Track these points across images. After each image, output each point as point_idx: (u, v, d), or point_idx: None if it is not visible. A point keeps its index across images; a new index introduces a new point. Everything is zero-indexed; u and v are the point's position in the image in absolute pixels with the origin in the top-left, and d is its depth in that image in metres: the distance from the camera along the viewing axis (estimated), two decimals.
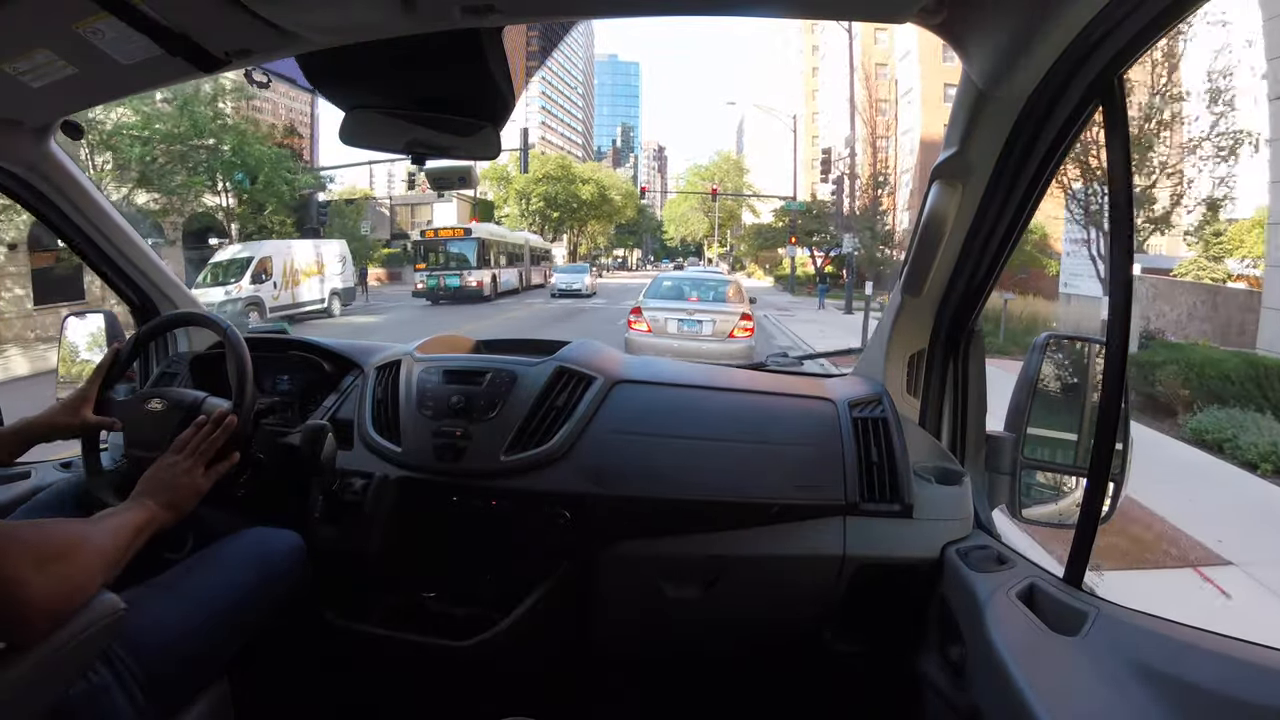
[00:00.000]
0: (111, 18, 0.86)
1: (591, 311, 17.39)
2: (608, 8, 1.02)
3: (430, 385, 1.33)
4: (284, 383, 1.52)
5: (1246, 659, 0.70)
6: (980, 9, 0.85)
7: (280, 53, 1.02)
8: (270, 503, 1.30)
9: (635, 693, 1.50)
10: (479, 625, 1.27)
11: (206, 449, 1.06)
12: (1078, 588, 0.91)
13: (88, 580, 0.80)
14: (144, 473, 1.02)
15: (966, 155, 1.05)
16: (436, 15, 0.90)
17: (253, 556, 1.15)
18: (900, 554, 1.16)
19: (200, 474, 1.04)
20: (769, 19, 1.07)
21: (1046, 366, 1.21)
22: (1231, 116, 9.13)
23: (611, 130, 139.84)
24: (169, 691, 0.93)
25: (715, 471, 1.21)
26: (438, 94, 1.15)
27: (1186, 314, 13.39)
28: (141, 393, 1.22)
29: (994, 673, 0.83)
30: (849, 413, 1.27)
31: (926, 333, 1.34)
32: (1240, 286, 15.38)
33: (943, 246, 1.19)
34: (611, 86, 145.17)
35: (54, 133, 1.33)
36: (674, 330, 7.47)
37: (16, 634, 0.73)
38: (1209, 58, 9.26)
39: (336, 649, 1.36)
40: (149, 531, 0.93)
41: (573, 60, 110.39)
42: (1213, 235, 14.73)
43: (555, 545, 1.24)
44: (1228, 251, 18.78)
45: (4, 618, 0.72)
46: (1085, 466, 1.08)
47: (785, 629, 1.30)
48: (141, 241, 1.63)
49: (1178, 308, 13.63)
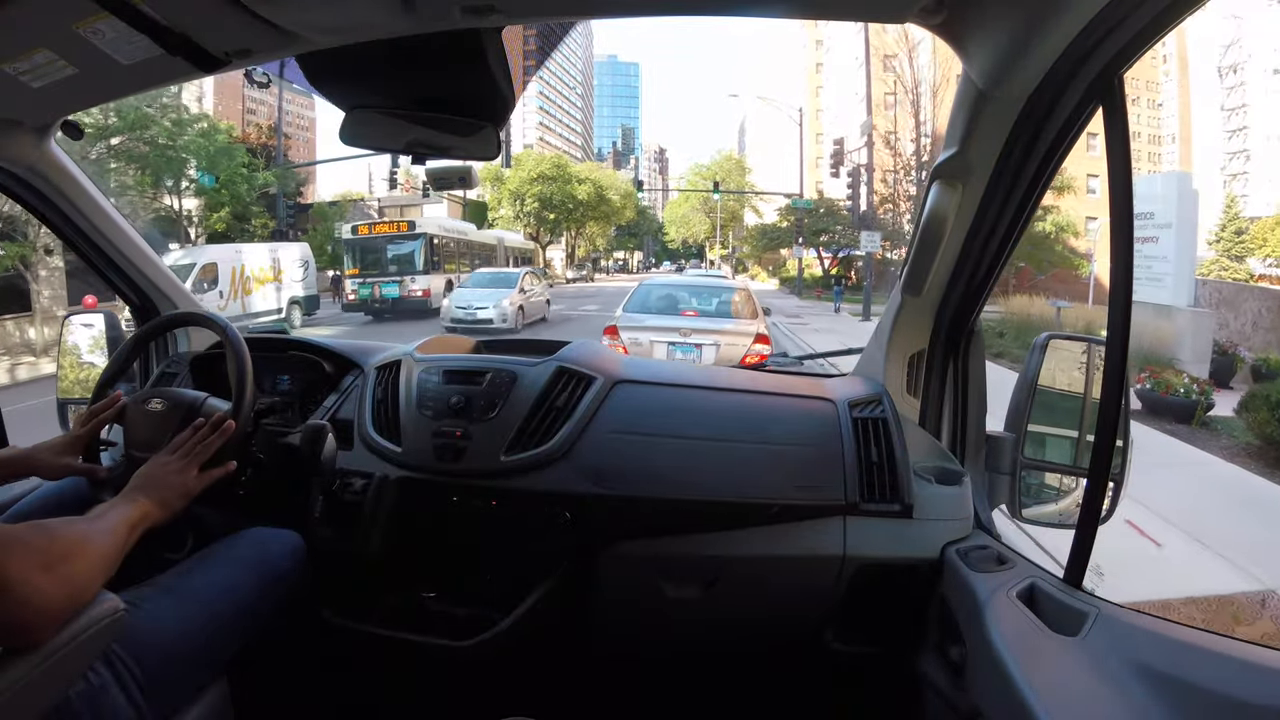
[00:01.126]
0: (111, 18, 0.86)
1: (581, 321, 15.52)
2: (609, 8, 1.02)
3: (430, 385, 1.33)
4: (284, 383, 1.52)
5: (1246, 659, 0.70)
6: (980, 9, 0.85)
7: (280, 53, 1.02)
8: (270, 503, 1.30)
9: (635, 693, 1.50)
10: (479, 625, 1.27)
11: (201, 452, 1.06)
12: (1078, 588, 0.91)
13: (91, 581, 0.81)
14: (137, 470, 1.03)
15: (966, 155, 1.05)
16: (437, 15, 0.90)
17: (253, 557, 1.15)
18: (900, 554, 1.16)
19: (192, 475, 1.04)
20: (769, 19, 1.07)
21: (1046, 367, 1.21)
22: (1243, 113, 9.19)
23: (611, 132, 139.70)
24: (168, 691, 0.93)
25: (715, 472, 1.21)
26: (438, 94, 1.15)
27: (1251, 323, 11.69)
28: (142, 393, 1.22)
29: (994, 673, 0.83)
30: (849, 413, 1.27)
31: (926, 333, 1.34)
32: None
33: (943, 246, 1.19)
34: (611, 88, 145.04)
35: (54, 133, 1.33)
36: (661, 358, 5.27)
37: (23, 638, 0.73)
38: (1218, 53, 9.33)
39: (336, 649, 1.36)
40: (143, 527, 0.94)
41: (571, 60, 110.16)
42: (1234, 235, 14.43)
43: (555, 545, 1.24)
44: (1249, 250, 18.49)
45: (11, 622, 0.72)
46: (1085, 466, 1.08)
47: (785, 629, 1.29)
48: (141, 241, 1.63)
49: (1242, 316, 11.87)
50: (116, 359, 1.29)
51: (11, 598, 0.71)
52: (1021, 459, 1.22)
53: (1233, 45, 9.49)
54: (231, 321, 1.24)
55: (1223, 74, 9.26)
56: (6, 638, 0.72)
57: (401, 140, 1.22)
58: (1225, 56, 9.88)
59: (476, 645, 1.25)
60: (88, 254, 1.58)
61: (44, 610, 0.74)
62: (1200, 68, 23.87)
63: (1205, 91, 26.23)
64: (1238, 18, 9.52)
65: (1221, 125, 30.69)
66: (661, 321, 5.83)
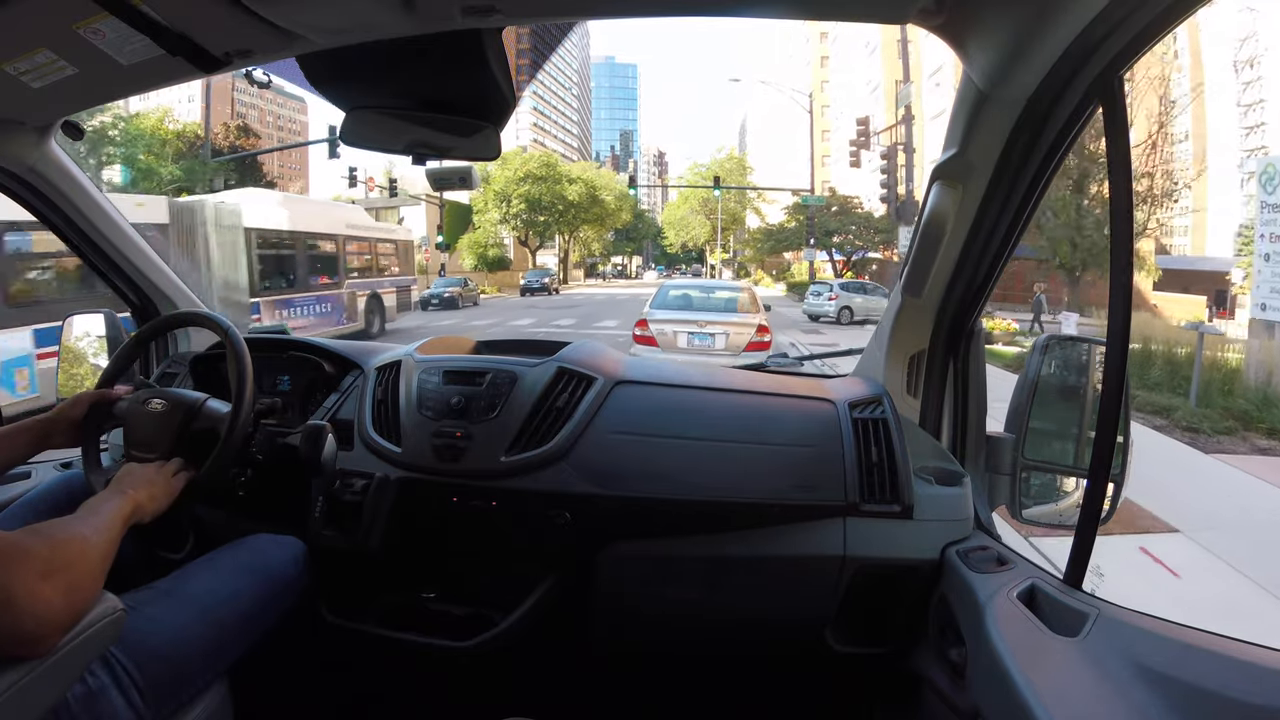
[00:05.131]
0: (111, 18, 0.86)
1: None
2: (609, 8, 1.02)
3: (430, 386, 1.33)
4: (284, 383, 1.52)
5: (1246, 659, 0.70)
6: (980, 10, 0.85)
7: (280, 53, 1.02)
8: (270, 503, 1.30)
9: (635, 693, 1.50)
10: (479, 625, 1.26)
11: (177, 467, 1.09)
12: (1078, 589, 0.91)
13: (93, 585, 0.80)
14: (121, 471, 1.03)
15: (966, 155, 1.05)
16: (437, 15, 0.90)
17: (256, 564, 1.15)
18: (901, 555, 1.16)
19: (171, 473, 1.07)
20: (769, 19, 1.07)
21: (1047, 367, 1.21)
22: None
23: (610, 135, 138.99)
24: (168, 695, 0.93)
25: (715, 472, 1.21)
26: (438, 94, 1.15)
27: None
28: (142, 393, 1.22)
29: (994, 674, 0.83)
30: (849, 413, 1.27)
31: (927, 333, 1.34)
32: None
33: (943, 247, 1.19)
34: (609, 89, 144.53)
35: (54, 133, 1.33)
36: (683, 345, 6.99)
37: (30, 649, 0.72)
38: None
39: (336, 649, 1.36)
40: (133, 520, 0.94)
41: (567, 61, 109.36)
42: None
43: (555, 546, 1.24)
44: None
45: (18, 634, 0.71)
46: (1085, 467, 1.08)
47: (785, 630, 1.29)
48: (142, 242, 1.63)
49: None
50: (116, 359, 1.29)
51: (16, 610, 0.70)
52: (1022, 460, 1.22)
53: (1249, 39, 9.27)
54: None
55: (1238, 68, 9.04)
56: (13, 648, 0.71)
57: (401, 141, 1.22)
58: (1241, 50, 9.61)
59: (476, 645, 1.25)
60: (88, 254, 1.58)
61: (49, 620, 0.73)
62: (1213, 64, 22.95)
63: (1220, 87, 25.18)
64: (1253, 10, 9.36)
65: (1238, 122, 29.34)
66: (682, 315, 7.30)
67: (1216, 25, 8.98)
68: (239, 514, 1.30)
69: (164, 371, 1.59)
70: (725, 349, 6.85)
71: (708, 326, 7.03)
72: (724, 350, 6.92)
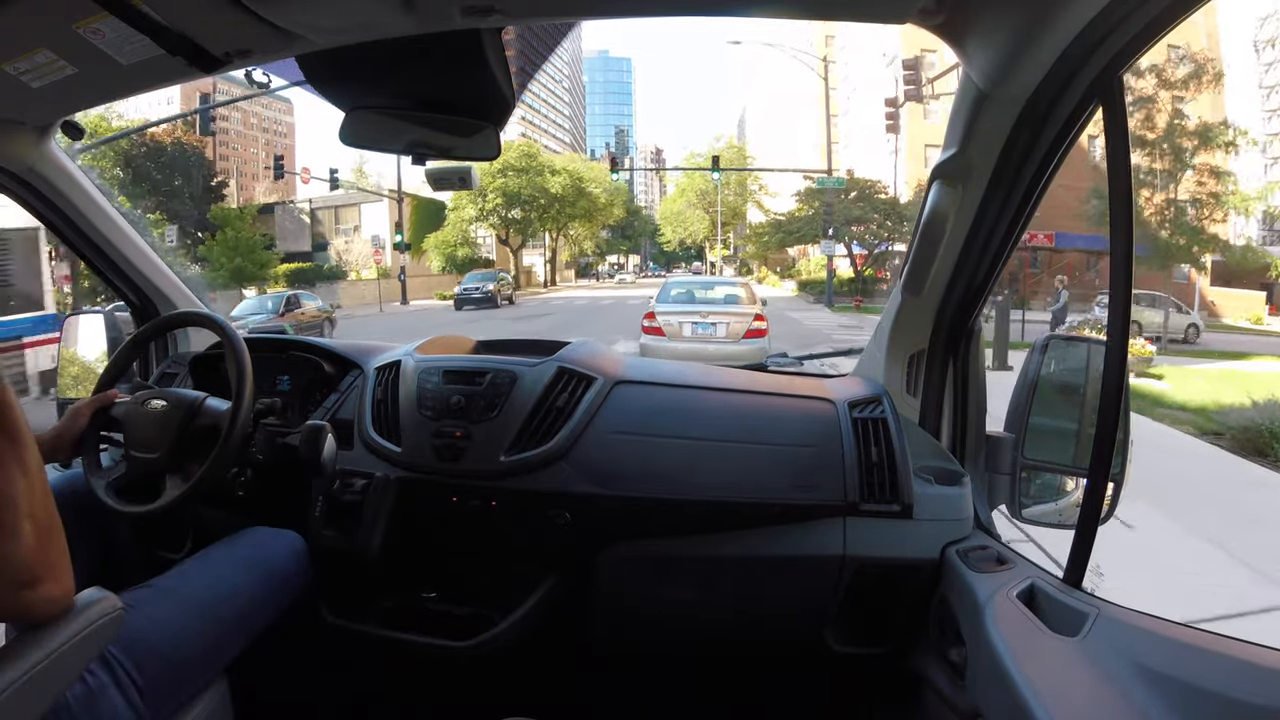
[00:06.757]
0: (111, 18, 0.86)
1: None
2: (610, 8, 1.02)
3: (430, 385, 1.33)
4: (284, 383, 1.52)
5: (1246, 659, 0.70)
6: (979, 10, 0.85)
7: (280, 53, 1.02)
8: (270, 503, 1.30)
9: (635, 693, 1.50)
10: (479, 625, 1.27)
11: None
12: (1078, 588, 0.91)
13: None
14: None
15: (966, 155, 1.05)
16: (437, 15, 0.90)
17: (254, 558, 1.15)
18: (900, 554, 1.17)
19: None
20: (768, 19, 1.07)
21: (1046, 367, 1.21)
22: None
23: (605, 131, 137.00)
24: (168, 694, 0.93)
25: (715, 472, 1.21)
26: (438, 94, 1.15)
27: None
28: (142, 393, 1.22)
29: (994, 673, 0.83)
30: (849, 413, 1.27)
31: (926, 333, 1.34)
32: None
33: (943, 246, 1.19)
34: (603, 84, 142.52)
35: (54, 133, 1.33)
36: (688, 334, 7.52)
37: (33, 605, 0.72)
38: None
39: (336, 649, 1.36)
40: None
41: (559, 54, 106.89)
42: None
43: (555, 546, 1.24)
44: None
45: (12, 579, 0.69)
46: (1085, 467, 1.09)
47: (785, 630, 1.30)
48: (142, 242, 1.63)
49: None
50: (116, 359, 1.29)
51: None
52: (1021, 459, 1.22)
53: (1269, 18, 8.95)
54: None
55: (1259, 49, 8.70)
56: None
57: (401, 141, 1.22)
58: (1262, 29, 9.25)
59: (477, 645, 1.25)
60: (88, 254, 1.58)
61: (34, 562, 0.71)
62: (1233, 46, 21.72)
63: (1240, 69, 24.13)
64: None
65: (1260, 105, 27.42)
66: (686, 307, 7.96)
67: (1237, 5, 8.55)
68: (239, 514, 1.30)
69: (163, 372, 1.59)
70: (726, 336, 7.33)
71: (710, 316, 7.60)
72: (725, 338, 7.34)
